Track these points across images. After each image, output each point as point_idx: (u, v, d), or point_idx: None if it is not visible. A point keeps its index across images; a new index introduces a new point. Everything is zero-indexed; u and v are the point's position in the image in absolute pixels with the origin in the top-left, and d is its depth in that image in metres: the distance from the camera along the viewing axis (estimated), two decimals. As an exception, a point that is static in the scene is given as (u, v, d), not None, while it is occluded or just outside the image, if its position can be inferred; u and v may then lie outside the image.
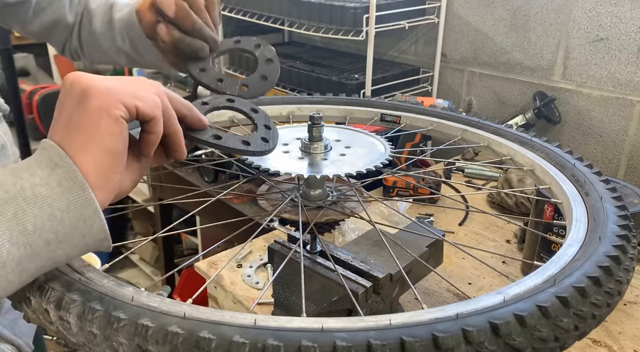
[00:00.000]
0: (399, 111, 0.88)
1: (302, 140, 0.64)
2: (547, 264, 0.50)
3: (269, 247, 0.75)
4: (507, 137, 0.80)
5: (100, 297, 0.41)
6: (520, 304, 0.41)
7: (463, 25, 1.72)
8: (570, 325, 0.41)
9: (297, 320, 0.39)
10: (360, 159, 0.62)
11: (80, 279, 0.43)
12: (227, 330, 0.37)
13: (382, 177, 1.27)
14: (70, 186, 0.40)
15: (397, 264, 0.64)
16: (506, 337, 0.38)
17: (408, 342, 0.36)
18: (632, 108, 1.41)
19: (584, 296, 0.43)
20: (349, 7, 1.57)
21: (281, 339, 0.36)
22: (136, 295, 0.41)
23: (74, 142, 0.42)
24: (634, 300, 0.94)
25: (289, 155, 0.63)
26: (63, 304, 0.41)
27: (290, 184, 0.69)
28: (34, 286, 0.43)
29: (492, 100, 1.71)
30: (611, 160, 1.49)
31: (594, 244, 0.51)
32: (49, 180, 0.40)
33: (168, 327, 0.38)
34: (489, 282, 0.99)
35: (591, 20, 1.43)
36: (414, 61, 1.88)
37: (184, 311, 0.39)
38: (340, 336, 0.37)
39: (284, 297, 0.73)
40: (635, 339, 0.84)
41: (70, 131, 0.42)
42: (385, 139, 0.67)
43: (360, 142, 0.68)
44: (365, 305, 0.66)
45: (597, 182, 0.66)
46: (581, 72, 1.48)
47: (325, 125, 0.64)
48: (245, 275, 1.01)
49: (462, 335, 0.38)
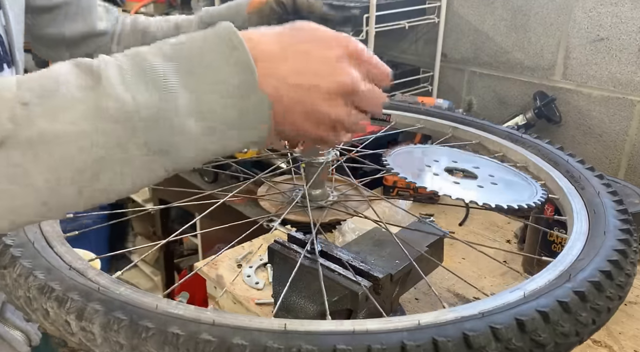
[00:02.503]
0: (389, 109, 0.88)
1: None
2: (558, 259, 0.51)
3: (269, 247, 0.74)
4: (498, 134, 0.80)
5: (123, 306, 0.40)
6: (542, 300, 0.42)
7: (463, 25, 1.72)
8: (589, 319, 0.42)
9: (326, 323, 0.39)
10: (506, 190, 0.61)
11: (99, 288, 0.42)
12: (259, 336, 0.37)
13: (382, 176, 1.27)
14: (244, 77, 0.40)
15: (397, 264, 0.64)
16: (532, 333, 0.39)
17: (441, 342, 0.37)
18: (633, 108, 1.41)
19: (599, 290, 0.45)
20: (349, 7, 1.56)
21: (315, 343, 0.36)
22: (160, 303, 0.41)
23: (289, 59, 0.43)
24: (635, 300, 0.93)
25: (438, 176, 0.62)
26: (85, 314, 0.40)
27: (289, 185, 0.69)
28: (51, 297, 0.42)
29: (492, 100, 1.71)
30: (611, 160, 1.48)
31: (600, 238, 0.53)
32: (227, 62, 0.40)
33: (199, 334, 0.37)
34: (489, 282, 0.99)
35: (591, 20, 1.43)
36: (414, 61, 1.88)
37: (212, 318, 0.39)
38: (373, 338, 0.37)
39: (284, 298, 0.73)
40: (635, 339, 0.84)
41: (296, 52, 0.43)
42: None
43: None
44: (365, 305, 0.66)
45: (592, 178, 0.67)
46: (581, 72, 1.48)
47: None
48: (245, 275, 1.01)
49: (491, 333, 0.38)
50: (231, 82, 0.40)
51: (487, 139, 0.79)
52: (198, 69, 0.40)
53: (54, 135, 0.36)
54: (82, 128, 0.36)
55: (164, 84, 0.38)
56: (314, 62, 0.44)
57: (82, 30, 0.91)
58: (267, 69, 0.41)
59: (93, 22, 0.92)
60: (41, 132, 0.35)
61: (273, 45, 0.43)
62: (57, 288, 0.42)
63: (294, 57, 0.43)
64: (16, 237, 0.49)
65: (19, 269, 0.45)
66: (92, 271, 0.46)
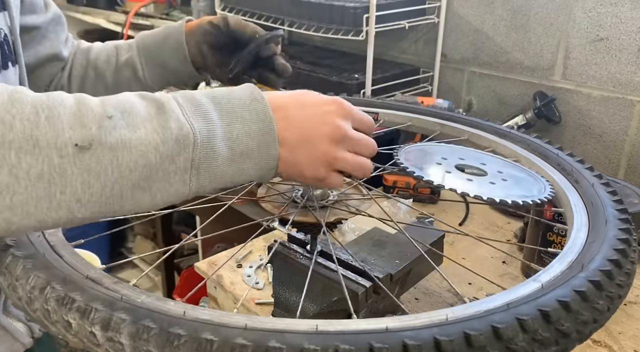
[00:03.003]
0: (377, 108, 0.88)
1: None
2: (566, 250, 0.52)
3: (269, 247, 0.75)
4: (486, 130, 0.81)
5: (150, 314, 0.39)
6: (560, 291, 0.43)
7: (463, 25, 1.72)
8: (605, 307, 0.44)
9: (355, 322, 0.39)
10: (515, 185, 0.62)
11: (122, 297, 0.42)
12: (294, 338, 0.37)
13: (380, 173, 1.27)
14: (263, 117, 0.51)
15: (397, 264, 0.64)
16: (556, 323, 0.40)
17: (473, 336, 0.37)
18: (632, 108, 1.41)
19: (611, 278, 0.46)
20: (349, 7, 1.57)
21: (351, 343, 0.36)
22: (187, 309, 0.40)
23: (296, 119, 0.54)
24: (634, 300, 0.94)
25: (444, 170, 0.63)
26: (111, 324, 0.39)
27: (287, 185, 0.69)
28: (72, 308, 0.41)
29: (492, 100, 1.71)
30: (611, 160, 1.49)
31: (602, 228, 0.54)
32: (249, 107, 0.51)
33: (233, 339, 0.36)
34: (489, 282, 0.99)
35: (591, 20, 1.43)
36: (414, 61, 1.88)
37: (244, 322, 0.38)
38: (406, 334, 0.37)
39: (284, 298, 0.73)
40: (635, 339, 0.84)
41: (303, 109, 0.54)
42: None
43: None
44: (365, 305, 0.66)
45: (583, 170, 0.69)
46: (581, 72, 1.48)
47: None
48: (245, 275, 1.01)
49: (519, 324, 0.39)
50: (253, 123, 0.51)
51: (475, 135, 0.80)
52: (231, 108, 0.51)
53: (133, 142, 0.45)
54: (154, 138, 0.46)
55: (209, 116, 0.49)
56: (315, 113, 0.54)
57: (48, 53, 0.91)
58: (281, 116, 0.52)
59: (59, 46, 0.93)
60: (123, 139, 0.44)
61: (285, 99, 0.54)
62: (78, 299, 0.41)
63: (301, 109, 0.54)
64: (24, 248, 0.48)
65: (34, 281, 0.44)
66: (108, 280, 0.45)
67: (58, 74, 0.95)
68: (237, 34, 0.86)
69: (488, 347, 0.37)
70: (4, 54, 0.73)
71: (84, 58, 0.96)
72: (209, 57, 0.88)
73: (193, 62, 0.88)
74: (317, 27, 1.66)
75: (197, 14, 2.19)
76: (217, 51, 0.88)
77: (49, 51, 0.91)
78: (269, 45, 0.85)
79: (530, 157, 0.73)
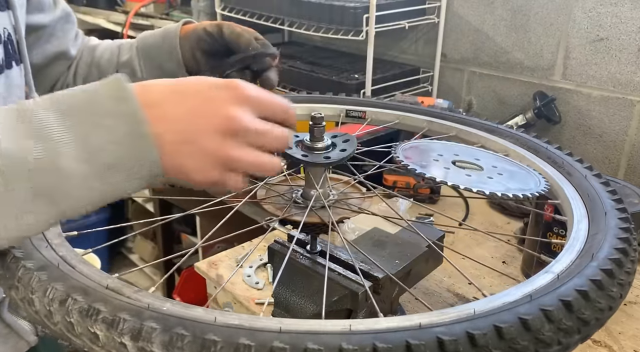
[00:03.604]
0: (364, 106, 0.88)
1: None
2: (571, 241, 0.53)
3: (269, 247, 0.75)
4: (473, 126, 0.81)
5: (181, 322, 0.38)
6: (576, 281, 0.45)
7: (463, 25, 1.72)
8: (618, 294, 0.46)
9: (386, 320, 0.40)
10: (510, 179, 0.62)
11: (149, 305, 0.41)
12: (331, 338, 0.37)
13: (379, 171, 1.27)
14: (131, 119, 0.43)
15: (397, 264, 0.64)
16: (577, 312, 0.42)
17: (504, 328, 0.38)
18: (632, 108, 1.41)
19: (620, 266, 0.48)
20: (349, 7, 1.57)
21: (388, 341, 0.37)
22: (217, 315, 0.39)
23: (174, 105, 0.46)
24: (634, 300, 0.93)
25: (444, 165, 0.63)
26: (143, 334, 0.38)
27: (285, 186, 0.69)
28: (98, 319, 0.40)
29: (492, 100, 1.71)
30: (611, 161, 1.49)
31: (602, 219, 0.56)
32: (114, 111, 0.44)
33: (272, 343, 0.36)
34: (489, 282, 0.99)
35: (591, 20, 1.43)
36: (414, 61, 1.88)
37: (277, 325, 0.38)
38: (440, 330, 0.38)
39: (284, 297, 0.73)
40: (635, 339, 0.84)
41: (180, 96, 0.46)
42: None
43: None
44: (365, 305, 0.66)
45: (574, 162, 0.69)
46: (581, 72, 1.48)
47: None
48: (245, 275, 1.01)
49: (544, 315, 0.40)
50: (120, 129, 0.43)
51: (463, 131, 0.81)
52: (87, 117, 0.43)
53: None
54: None
55: (47, 133, 0.42)
56: (199, 104, 0.46)
57: (56, 51, 0.91)
58: (156, 114, 0.44)
59: (67, 45, 0.93)
60: None
61: (161, 92, 0.46)
62: (103, 309, 0.40)
63: (181, 101, 0.46)
64: (35, 260, 0.46)
65: (52, 293, 0.43)
66: (128, 289, 0.43)
67: (64, 73, 0.95)
68: (231, 45, 0.83)
69: (518, 339, 0.39)
70: (7, 53, 0.73)
71: (90, 56, 0.96)
72: (202, 63, 0.86)
73: (187, 66, 0.87)
74: (317, 27, 1.66)
75: (197, 14, 2.19)
76: (211, 58, 0.86)
77: (56, 49, 0.91)
78: (264, 60, 0.83)
79: (519, 151, 0.73)
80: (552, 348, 0.40)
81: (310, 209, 0.63)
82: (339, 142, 0.65)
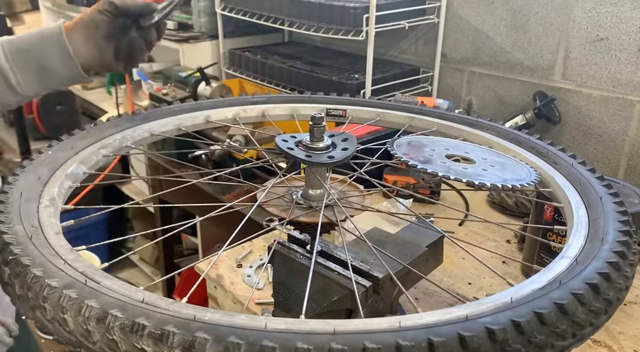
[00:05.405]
0: (344, 105, 0.89)
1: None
2: (575, 226, 0.55)
3: (269, 247, 0.75)
4: (454, 120, 0.82)
5: (232, 331, 0.38)
6: (596, 264, 0.47)
7: (463, 25, 1.72)
8: (624, 285, 0.47)
9: (428, 315, 0.41)
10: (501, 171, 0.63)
11: (195, 316, 0.39)
12: (386, 336, 0.38)
13: (379, 166, 1.27)
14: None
15: (397, 264, 0.64)
16: (603, 293, 0.44)
17: (523, 323, 0.39)
18: (632, 108, 1.41)
19: (629, 247, 0.50)
20: (349, 7, 1.57)
21: (441, 334, 0.38)
22: (266, 321, 0.39)
23: None
24: (634, 300, 0.94)
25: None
26: (196, 346, 0.37)
27: (284, 187, 0.69)
28: (144, 334, 0.38)
29: (492, 100, 1.71)
30: (611, 161, 1.49)
31: (598, 204, 0.58)
32: None
33: (329, 345, 0.37)
34: (489, 282, 0.99)
35: (591, 20, 1.43)
36: (414, 61, 1.89)
37: (331, 327, 0.38)
38: (486, 320, 0.39)
39: (284, 298, 0.73)
40: (635, 339, 0.84)
41: None
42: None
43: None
44: (365, 305, 0.66)
45: (558, 151, 0.71)
46: (581, 72, 1.48)
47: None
48: (245, 275, 1.01)
49: (576, 299, 0.42)
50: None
51: (444, 126, 0.82)
52: None
53: None
54: None
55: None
56: None
57: None
58: None
59: None
60: None
61: None
62: (148, 324, 0.39)
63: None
64: (58, 278, 0.44)
65: (87, 311, 0.41)
66: (163, 302, 0.42)
67: None
68: (129, 12, 0.82)
69: (557, 323, 0.40)
70: None
71: None
72: (105, 48, 0.82)
73: (82, 59, 0.83)
74: (317, 27, 1.66)
75: (197, 14, 2.19)
76: (113, 39, 0.83)
77: None
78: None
79: (502, 143, 0.74)
80: (586, 329, 0.42)
81: (306, 209, 0.63)
82: (339, 142, 0.65)
